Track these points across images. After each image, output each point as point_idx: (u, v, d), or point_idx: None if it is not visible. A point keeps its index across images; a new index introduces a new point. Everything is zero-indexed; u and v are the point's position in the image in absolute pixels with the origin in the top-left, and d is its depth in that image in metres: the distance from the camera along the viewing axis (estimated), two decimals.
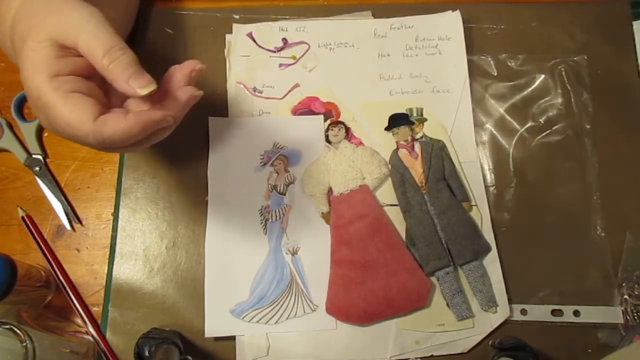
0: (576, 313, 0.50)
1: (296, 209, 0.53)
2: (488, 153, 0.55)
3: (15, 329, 0.41)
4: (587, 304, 0.50)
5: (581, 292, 0.50)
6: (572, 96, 0.56)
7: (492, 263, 0.51)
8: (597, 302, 0.50)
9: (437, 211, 0.51)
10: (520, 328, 0.50)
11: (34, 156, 0.55)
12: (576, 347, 0.49)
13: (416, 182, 0.53)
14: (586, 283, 0.51)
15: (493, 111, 0.56)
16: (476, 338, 0.49)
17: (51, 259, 0.52)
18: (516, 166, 0.54)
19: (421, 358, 0.49)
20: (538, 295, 0.50)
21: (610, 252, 0.51)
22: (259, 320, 0.49)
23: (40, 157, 0.55)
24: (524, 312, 0.50)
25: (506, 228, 0.52)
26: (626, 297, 0.50)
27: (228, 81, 0.57)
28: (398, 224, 0.52)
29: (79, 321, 0.50)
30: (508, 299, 0.50)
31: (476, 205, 0.53)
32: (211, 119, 0.55)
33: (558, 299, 0.50)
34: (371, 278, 0.49)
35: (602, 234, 0.52)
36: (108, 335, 0.50)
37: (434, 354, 0.49)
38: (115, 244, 0.52)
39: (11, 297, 0.45)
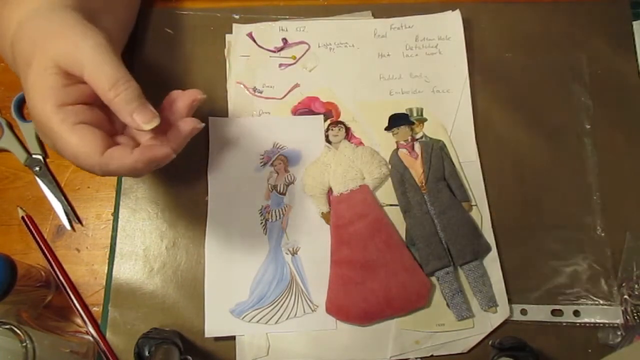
0: (576, 313, 0.50)
1: (296, 209, 0.53)
2: (488, 153, 0.55)
3: (15, 329, 0.41)
4: (587, 304, 0.50)
5: (581, 292, 0.50)
6: (572, 96, 0.56)
7: (492, 263, 0.51)
8: (597, 302, 0.50)
9: (437, 211, 0.51)
10: (520, 328, 0.50)
11: (34, 156, 0.55)
12: (576, 347, 0.49)
13: (416, 182, 0.53)
14: (586, 283, 0.51)
15: (493, 111, 0.56)
16: (476, 338, 0.49)
17: (51, 259, 0.52)
18: (516, 166, 0.54)
19: (421, 358, 0.49)
20: (538, 295, 0.50)
21: (610, 252, 0.51)
22: (259, 320, 0.49)
23: (40, 157, 0.55)
24: (524, 312, 0.50)
25: (506, 228, 0.52)
26: (626, 297, 0.50)
27: (228, 81, 0.57)
28: (398, 224, 0.52)
29: (79, 321, 0.50)
30: (508, 299, 0.50)
31: (476, 205, 0.53)
32: (211, 119, 0.55)
33: (558, 299, 0.50)
34: (371, 278, 0.49)
35: (602, 234, 0.52)
36: (108, 335, 0.50)
37: (434, 354, 0.49)
38: (115, 244, 0.52)
39: (11, 297, 0.45)
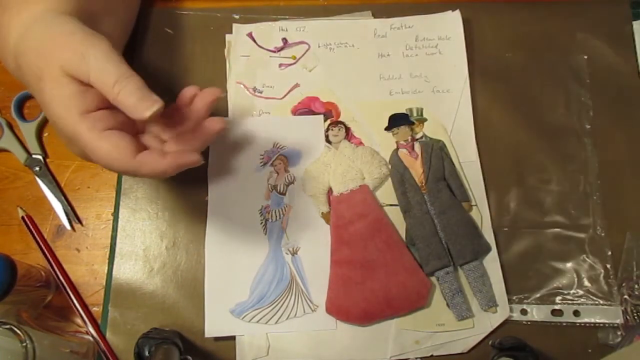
0: (576, 313, 0.50)
1: (296, 209, 0.53)
2: (488, 153, 0.55)
3: (15, 329, 0.41)
4: (587, 304, 0.50)
5: (581, 292, 0.50)
6: (572, 96, 0.56)
7: (492, 263, 0.51)
8: (597, 302, 0.50)
9: (437, 211, 0.51)
10: (520, 328, 0.50)
11: (34, 156, 0.55)
12: (576, 347, 0.49)
13: (416, 182, 0.53)
14: (586, 283, 0.51)
15: (493, 111, 0.56)
16: (476, 338, 0.49)
17: (51, 259, 0.52)
18: (516, 166, 0.54)
19: (421, 358, 0.49)
20: (538, 295, 0.50)
21: (610, 252, 0.51)
22: (259, 320, 0.49)
23: (40, 157, 0.55)
24: (524, 312, 0.50)
25: (506, 228, 0.52)
26: (626, 297, 0.50)
27: (228, 81, 0.57)
28: (398, 224, 0.52)
29: (79, 321, 0.50)
30: (508, 299, 0.50)
31: (476, 205, 0.53)
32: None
33: (558, 299, 0.50)
34: (371, 278, 0.49)
35: (602, 234, 0.52)
36: (108, 335, 0.50)
37: (434, 354, 0.49)
38: (115, 244, 0.52)
39: (11, 297, 0.45)
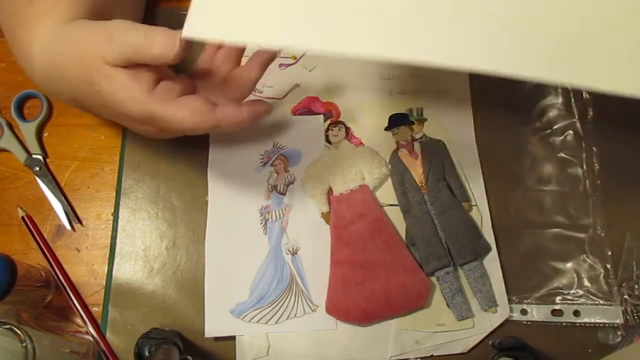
0: (576, 313, 0.50)
1: (296, 209, 0.53)
2: (488, 153, 0.55)
3: (15, 329, 0.41)
4: (587, 304, 0.50)
5: (581, 292, 0.50)
6: (572, 96, 0.56)
7: (492, 263, 0.51)
8: (597, 302, 0.50)
9: (437, 211, 0.51)
10: (520, 328, 0.50)
11: (34, 156, 0.55)
12: (576, 347, 0.49)
13: (416, 182, 0.53)
14: (586, 283, 0.51)
15: (493, 111, 0.56)
16: (476, 338, 0.49)
17: (51, 259, 0.52)
18: (516, 166, 0.54)
19: (421, 358, 0.49)
20: (538, 295, 0.50)
21: (610, 252, 0.51)
22: (259, 320, 0.49)
23: (40, 157, 0.55)
24: (524, 312, 0.50)
25: (506, 228, 0.52)
26: (626, 297, 0.50)
27: None
28: (398, 224, 0.52)
29: (79, 321, 0.50)
30: (508, 299, 0.50)
31: (476, 205, 0.53)
32: None
33: (558, 299, 0.50)
34: (371, 278, 0.49)
35: (602, 234, 0.52)
36: (108, 335, 0.50)
37: (434, 354, 0.49)
38: (115, 244, 0.52)
39: (11, 297, 0.44)
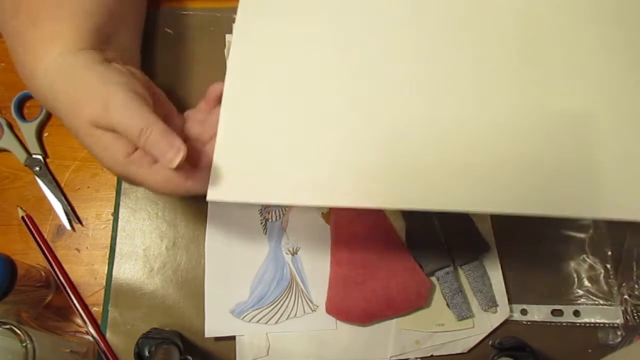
0: (576, 313, 0.50)
1: (296, 209, 0.53)
2: None
3: (15, 329, 0.41)
4: (587, 304, 0.50)
5: (581, 292, 0.50)
6: None
7: (492, 263, 0.51)
8: (597, 302, 0.50)
9: None
10: (520, 328, 0.50)
11: (34, 156, 0.55)
12: (576, 347, 0.49)
13: None
14: (586, 283, 0.51)
15: None
16: (476, 338, 0.49)
17: (51, 259, 0.52)
18: None
19: (421, 358, 0.49)
20: (538, 295, 0.50)
21: (610, 252, 0.51)
22: (259, 320, 0.49)
23: (40, 157, 0.55)
24: (524, 312, 0.50)
25: (506, 228, 0.52)
26: (626, 297, 0.50)
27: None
28: (398, 224, 0.52)
29: (79, 321, 0.50)
30: (508, 299, 0.50)
31: None
32: None
33: (558, 299, 0.50)
34: (371, 278, 0.49)
35: (602, 234, 0.52)
36: (108, 335, 0.50)
37: (434, 354, 0.49)
38: (115, 244, 0.52)
39: (11, 297, 0.45)
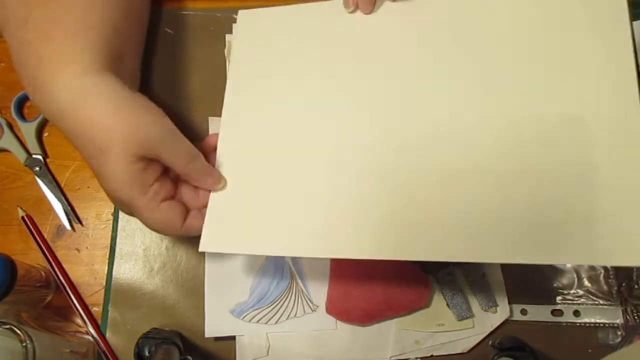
0: (576, 313, 0.50)
1: None
2: None
3: (15, 329, 0.41)
4: (587, 304, 0.50)
5: (581, 292, 0.50)
6: None
7: (492, 263, 0.51)
8: (597, 302, 0.50)
9: None
10: (520, 328, 0.50)
11: (34, 156, 0.55)
12: (576, 347, 0.49)
13: None
14: (586, 283, 0.51)
15: None
16: (476, 338, 0.49)
17: (51, 259, 0.52)
18: None
19: (421, 358, 0.49)
20: (538, 295, 0.50)
21: None
22: (259, 320, 0.49)
23: (40, 157, 0.55)
24: (524, 312, 0.50)
25: None
26: (626, 297, 0.50)
27: (228, 72, 0.56)
28: None
29: (79, 321, 0.50)
30: (508, 299, 0.50)
31: None
32: (211, 119, 0.55)
33: (558, 299, 0.50)
34: (371, 278, 0.49)
35: None
36: (108, 335, 0.50)
37: (434, 354, 0.49)
38: (115, 244, 0.52)
39: (11, 297, 0.45)
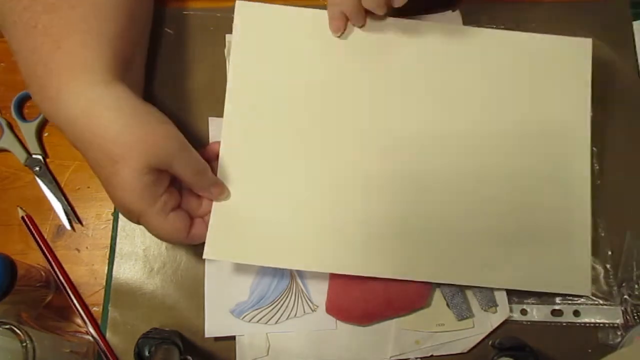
0: (576, 313, 0.50)
1: None
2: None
3: (15, 329, 0.41)
4: (587, 304, 0.50)
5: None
6: None
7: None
8: (597, 302, 0.50)
9: None
10: (520, 328, 0.50)
11: (34, 156, 0.55)
12: (576, 347, 0.49)
13: None
14: None
15: None
16: (476, 338, 0.49)
17: (51, 259, 0.52)
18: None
19: (421, 358, 0.49)
20: (538, 295, 0.50)
21: (610, 252, 0.51)
22: (259, 320, 0.49)
23: (40, 157, 0.55)
24: (524, 312, 0.50)
25: None
26: (626, 297, 0.50)
27: (228, 81, 0.57)
28: None
29: (79, 321, 0.50)
30: (508, 299, 0.50)
31: None
32: (211, 119, 0.55)
33: (558, 299, 0.50)
34: (371, 278, 0.49)
35: (602, 234, 0.52)
36: (108, 335, 0.50)
37: (434, 354, 0.49)
38: (115, 244, 0.52)
39: (11, 297, 0.45)
